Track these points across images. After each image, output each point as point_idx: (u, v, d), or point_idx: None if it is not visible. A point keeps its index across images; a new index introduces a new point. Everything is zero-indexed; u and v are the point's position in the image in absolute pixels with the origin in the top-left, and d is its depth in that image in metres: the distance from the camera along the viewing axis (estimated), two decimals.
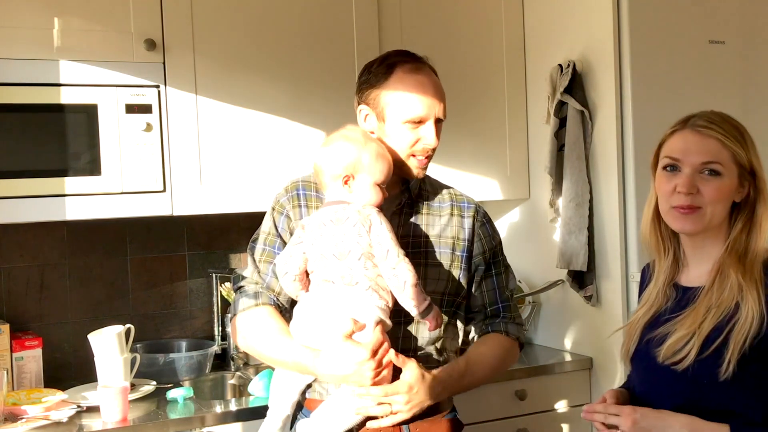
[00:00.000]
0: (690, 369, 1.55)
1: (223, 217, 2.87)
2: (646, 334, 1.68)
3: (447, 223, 1.94)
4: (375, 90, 1.87)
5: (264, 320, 1.85)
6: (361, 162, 1.76)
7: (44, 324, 2.67)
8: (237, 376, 2.77)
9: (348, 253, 1.72)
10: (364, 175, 1.77)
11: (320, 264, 1.75)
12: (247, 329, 1.87)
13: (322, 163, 1.81)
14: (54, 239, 2.70)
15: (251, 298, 1.87)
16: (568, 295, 2.90)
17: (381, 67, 1.88)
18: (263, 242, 1.92)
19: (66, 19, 2.37)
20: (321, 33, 2.71)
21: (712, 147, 1.62)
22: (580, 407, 2.79)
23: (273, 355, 1.82)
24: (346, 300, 1.72)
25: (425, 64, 1.90)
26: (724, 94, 2.78)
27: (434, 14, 2.90)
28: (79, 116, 2.38)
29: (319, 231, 1.76)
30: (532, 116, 3.04)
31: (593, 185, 2.76)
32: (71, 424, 2.23)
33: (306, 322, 1.78)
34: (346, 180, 1.77)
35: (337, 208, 1.76)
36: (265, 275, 1.88)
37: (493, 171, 3.00)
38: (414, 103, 1.83)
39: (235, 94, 2.58)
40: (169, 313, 2.87)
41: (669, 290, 1.70)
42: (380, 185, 1.78)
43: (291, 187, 1.93)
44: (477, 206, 2.02)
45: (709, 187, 1.61)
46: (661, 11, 2.71)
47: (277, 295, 1.88)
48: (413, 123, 1.84)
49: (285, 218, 1.90)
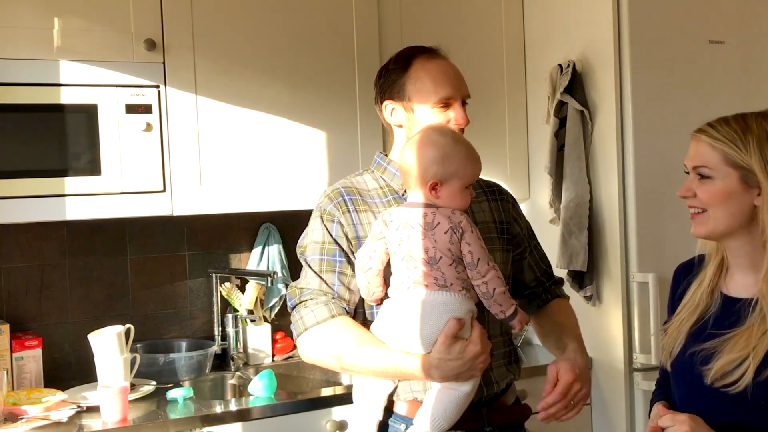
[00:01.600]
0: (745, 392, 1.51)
1: (223, 217, 2.88)
2: (691, 344, 1.64)
3: (486, 209, 1.96)
4: (398, 83, 1.89)
5: (349, 329, 1.80)
6: (449, 169, 1.73)
7: (44, 324, 2.67)
8: (237, 376, 2.77)
9: (439, 260, 1.70)
10: (453, 181, 1.74)
11: (407, 266, 1.73)
12: (330, 341, 1.80)
13: (410, 165, 1.76)
14: (54, 239, 2.70)
15: (324, 310, 1.81)
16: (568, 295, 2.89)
17: (398, 62, 1.92)
18: (320, 252, 1.86)
19: (66, 19, 2.37)
20: (321, 33, 2.71)
21: (701, 150, 1.63)
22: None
23: (368, 363, 1.76)
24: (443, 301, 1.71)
25: (440, 53, 1.94)
26: (724, 94, 2.78)
27: (434, 14, 2.90)
28: (79, 116, 2.38)
29: (406, 232, 1.73)
30: (532, 116, 3.04)
31: (593, 185, 2.76)
32: (71, 424, 2.23)
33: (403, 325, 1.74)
34: (433, 186, 1.74)
35: (426, 212, 1.73)
36: (333, 284, 1.83)
37: (493, 171, 2.99)
38: (441, 85, 1.86)
39: (235, 94, 2.58)
40: (169, 313, 2.87)
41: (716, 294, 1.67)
42: (467, 188, 1.77)
43: (334, 194, 1.90)
44: (504, 189, 2.07)
45: (701, 191, 1.62)
46: (661, 11, 2.71)
47: (347, 303, 1.85)
48: (442, 106, 1.86)
49: (337, 225, 1.86)
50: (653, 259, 2.66)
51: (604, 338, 2.76)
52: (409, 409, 1.81)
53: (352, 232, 1.85)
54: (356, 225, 1.86)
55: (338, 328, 1.81)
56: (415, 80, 1.87)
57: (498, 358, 1.89)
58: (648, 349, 2.63)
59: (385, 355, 1.74)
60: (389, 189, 1.91)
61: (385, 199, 1.89)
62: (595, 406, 2.83)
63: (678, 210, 2.65)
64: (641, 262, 2.66)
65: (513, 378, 1.96)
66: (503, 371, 1.91)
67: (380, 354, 1.75)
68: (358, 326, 1.81)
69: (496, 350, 1.87)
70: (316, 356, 1.85)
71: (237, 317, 2.86)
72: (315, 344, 1.83)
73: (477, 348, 1.70)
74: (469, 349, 1.70)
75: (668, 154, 2.69)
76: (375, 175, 1.95)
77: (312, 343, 1.83)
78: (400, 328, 1.74)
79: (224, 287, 2.87)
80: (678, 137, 2.67)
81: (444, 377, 1.72)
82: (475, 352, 1.70)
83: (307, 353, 1.86)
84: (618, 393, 2.72)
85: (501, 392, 1.91)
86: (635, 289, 2.66)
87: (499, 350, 1.90)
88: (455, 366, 1.70)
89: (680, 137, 2.66)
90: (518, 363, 1.99)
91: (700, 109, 2.72)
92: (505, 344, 1.94)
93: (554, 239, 2.85)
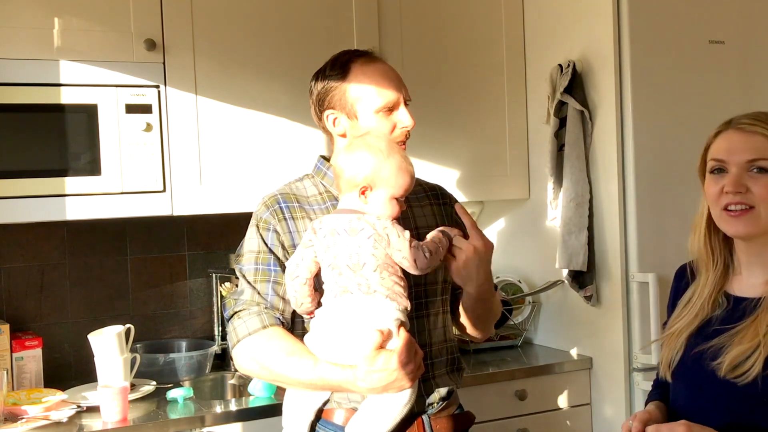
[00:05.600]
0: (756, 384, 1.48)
1: (223, 217, 2.87)
2: (694, 345, 1.61)
3: (429, 213, 1.94)
4: (337, 91, 1.86)
5: (279, 340, 1.77)
6: (380, 175, 1.72)
7: (44, 324, 2.67)
8: (237, 376, 2.77)
9: (363, 266, 1.68)
10: (383, 189, 1.72)
11: (333, 273, 1.71)
12: (260, 352, 1.77)
13: (342, 168, 1.75)
14: (54, 239, 2.70)
15: (256, 321, 1.79)
16: (568, 295, 2.90)
17: (335, 68, 1.88)
18: (254, 262, 1.83)
19: (66, 19, 2.37)
20: (321, 33, 2.71)
21: (758, 143, 1.54)
22: (580, 407, 2.82)
23: (296, 375, 1.73)
24: (367, 310, 1.68)
25: (376, 55, 1.91)
26: (724, 94, 2.78)
27: (434, 14, 2.90)
28: (79, 116, 2.38)
29: (332, 239, 1.71)
30: (532, 116, 3.04)
31: (593, 185, 2.76)
32: (71, 424, 2.23)
33: (330, 335, 1.72)
34: (363, 191, 1.72)
35: (351, 218, 1.71)
36: (266, 295, 1.81)
37: (493, 171, 3.00)
38: (383, 90, 1.84)
39: (235, 94, 2.58)
40: (169, 313, 2.87)
41: (720, 299, 1.63)
42: (398, 199, 1.74)
43: (270, 201, 1.87)
44: (446, 192, 2.03)
45: (758, 185, 1.53)
46: (661, 11, 2.71)
47: (282, 313, 1.82)
48: (386, 110, 1.84)
49: (273, 233, 1.84)
50: (653, 259, 2.65)
51: (604, 338, 2.76)
52: (346, 417, 1.77)
53: (289, 240, 1.83)
54: (293, 233, 1.83)
55: (268, 339, 1.77)
56: (356, 86, 1.84)
57: (440, 366, 1.87)
58: (648, 349, 2.63)
59: (312, 367, 1.70)
60: (329, 195, 1.89)
61: (324, 206, 1.87)
62: (595, 406, 2.83)
63: (678, 210, 2.67)
64: (641, 262, 2.66)
65: (455, 386, 1.91)
66: (445, 379, 1.88)
67: (307, 365, 1.71)
68: (289, 337, 1.78)
69: (438, 358, 1.84)
70: (248, 368, 1.81)
71: None
72: (246, 356, 1.79)
73: (402, 358, 1.65)
74: (393, 359, 1.64)
75: (668, 154, 2.70)
76: (315, 181, 1.93)
77: (244, 355, 1.80)
78: (328, 338, 1.72)
79: (224, 287, 2.87)
80: (678, 137, 2.70)
81: (371, 389, 1.67)
82: (400, 362, 1.64)
83: (241, 365, 1.82)
84: (618, 393, 2.72)
85: (441, 400, 1.85)
86: (635, 289, 2.66)
87: (441, 357, 1.87)
88: (381, 377, 1.64)
89: (680, 137, 2.69)
90: (461, 371, 1.94)
91: (700, 108, 2.72)
92: (449, 351, 1.90)
93: (554, 239, 2.85)
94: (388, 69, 1.89)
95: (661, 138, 2.69)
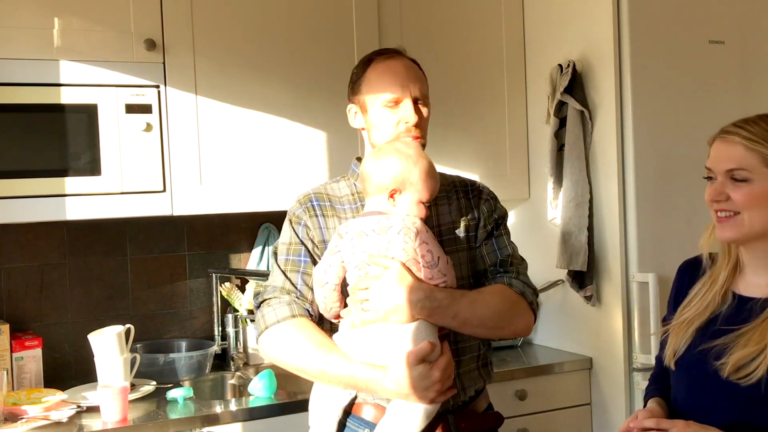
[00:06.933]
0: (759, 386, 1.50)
1: (223, 217, 2.88)
2: (700, 341, 1.63)
3: (455, 209, 1.94)
4: (357, 87, 1.94)
5: (306, 332, 1.78)
6: (410, 179, 1.76)
7: (44, 324, 2.67)
8: (237, 376, 2.77)
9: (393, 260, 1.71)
10: (411, 193, 1.76)
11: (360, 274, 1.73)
12: (287, 341, 1.79)
13: (371, 172, 1.79)
14: (54, 239, 2.70)
15: (286, 309, 1.81)
16: (568, 295, 2.90)
17: (359, 66, 1.96)
18: (287, 253, 1.88)
19: (66, 19, 2.37)
20: (321, 33, 2.71)
21: (736, 153, 1.58)
22: (580, 407, 2.82)
23: (324, 368, 1.74)
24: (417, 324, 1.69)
25: (399, 53, 1.95)
26: (724, 94, 2.78)
27: (434, 14, 2.90)
28: (79, 116, 2.38)
29: (359, 240, 1.74)
30: (532, 116, 3.04)
31: (593, 185, 2.76)
32: (71, 424, 2.23)
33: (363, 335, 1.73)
34: (392, 194, 1.76)
35: (379, 218, 1.75)
36: (296, 283, 1.85)
37: (493, 171, 3.00)
38: (388, 85, 1.88)
39: (235, 95, 2.58)
40: (169, 313, 2.87)
41: (728, 295, 1.65)
42: (424, 203, 1.78)
43: (304, 199, 1.93)
44: (480, 186, 2.02)
45: (738, 194, 1.58)
46: (661, 11, 2.71)
47: (311, 303, 1.85)
48: (390, 105, 1.88)
49: (303, 228, 1.88)
50: (653, 259, 2.65)
51: (604, 338, 2.76)
52: (375, 414, 1.79)
53: (318, 235, 1.87)
54: (322, 229, 1.87)
55: (298, 329, 1.80)
56: (367, 83, 1.91)
57: (470, 362, 1.87)
58: (648, 349, 2.63)
59: (343, 362, 1.72)
60: (360, 196, 1.91)
61: (355, 206, 1.90)
62: (595, 406, 2.83)
63: (678, 210, 2.67)
64: (641, 262, 2.66)
65: (484, 383, 1.92)
66: (474, 375, 1.89)
67: (337, 360, 1.73)
68: (317, 329, 1.80)
69: (467, 354, 1.85)
70: (275, 355, 1.84)
71: (237, 317, 2.86)
72: (274, 343, 1.82)
73: (437, 375, 1.66)
74: (430, 373, 1.66)
75: (668, 153, 2.70)
76: (349, 182, 1.97)
77: (272, 342, 1.82)
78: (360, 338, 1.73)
79: (224, 287, 2.87)
80: (678, 137, 2.70)
81: (397, 395, 1.69)
82: (435, 378, 1.66)
83: (268, 352, 1.85)
84: (618, 393, 2.72)
85: (470, 399, 1.87)
86: (635, 289, 2.66)
87: (471, 354, 1.87)
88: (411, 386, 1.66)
89: (680, 137, 2.69)
90: (489, 366, 1.95)
91: (699, 109, 2.73)
92: (479, 347, 1.91)
93: (554, 239, 2.85)
94: (400, 65, 1.91)
95: (661, 138, 2.69)
